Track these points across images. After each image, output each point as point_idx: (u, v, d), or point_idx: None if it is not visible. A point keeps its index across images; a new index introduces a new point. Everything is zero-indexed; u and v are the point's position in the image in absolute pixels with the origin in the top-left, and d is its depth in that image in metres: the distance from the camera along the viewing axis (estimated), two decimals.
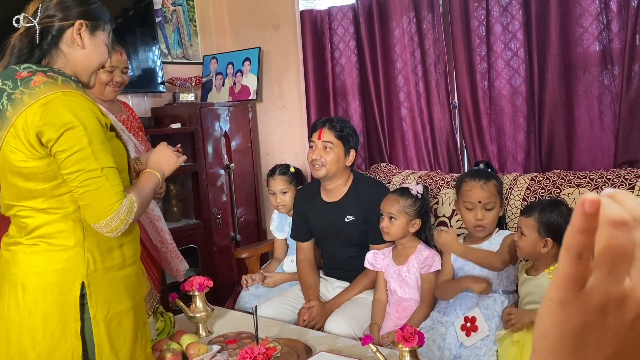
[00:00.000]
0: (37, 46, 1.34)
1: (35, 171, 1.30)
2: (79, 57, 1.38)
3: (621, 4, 2.26)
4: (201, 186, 3.19)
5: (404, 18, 2.89)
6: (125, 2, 3.13)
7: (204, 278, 2.08)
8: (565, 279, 0.32)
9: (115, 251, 1.41)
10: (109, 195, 1.30)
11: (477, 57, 2.65)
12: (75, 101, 1.29)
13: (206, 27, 3.67)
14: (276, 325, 2.13)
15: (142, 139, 2.30)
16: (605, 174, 2.21)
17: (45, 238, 1.35)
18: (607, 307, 0.32)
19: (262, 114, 3.59)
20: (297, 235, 2.56)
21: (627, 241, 0.31)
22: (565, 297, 0.32)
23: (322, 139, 2.33)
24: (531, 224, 1.78)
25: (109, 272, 1.39)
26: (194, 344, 1.85)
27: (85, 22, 1.37)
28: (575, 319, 0.32)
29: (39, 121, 1.26)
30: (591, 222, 0.31)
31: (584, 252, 0.31)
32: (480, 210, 2.00)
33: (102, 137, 1.33)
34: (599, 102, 2.38)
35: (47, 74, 1.32)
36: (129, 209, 1.33)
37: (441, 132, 2.87)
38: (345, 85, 3.19)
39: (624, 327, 0.32)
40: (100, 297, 1.37)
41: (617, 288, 0.31)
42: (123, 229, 1.33)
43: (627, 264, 0.31)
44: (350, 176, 2.43)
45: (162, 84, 3.31)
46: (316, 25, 3.21)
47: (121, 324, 1.41)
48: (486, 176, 2.05)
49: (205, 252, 3.21)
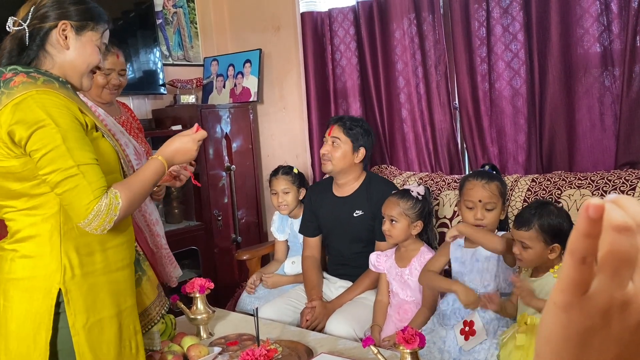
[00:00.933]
0: (26, 48, 1.35)
1: (13, 170, 1.28)
2: (65, 59, 1.37)
3: (622, 5, 2.26)
4: (202, 188, 3.19)
5: (404, 19, 2.89)
6: (126, 4, 3.13)
7: (205, 280, 2.08)
8: (568, 283, 0.32)
9: (97, 255, 1.37)
10: (86, 193, 1.26)
11: (478, 59, 2.65)
12: (48, 99, 1.27)
13: (207, 29, 3.68)
14: (277, 327, 2.13)
15: (142, 141, 2.29)
16: (607, 175, 2.21)
17: (22, 243, 1.33)
18: (610, 311, 0.32)
19: (263, 115, 3.60)
20: (305, 230, 2.57)
21: (631, 246, 0.31)
22: (569, 301, 0.33)
23: (331, 134, 2.40)
24: (534, 236, 1.73)
25: (89, 277, 1.35)
26: (195, 345, 1.85)
27: (71, 23, 1.36)
28: (578, 322, 0.33)
29: (10, 120, 1.24)
30: (595, 227, 0.31)
31: (587, 257, 0.32)
32: (481, 209, 1.99)
33: (79, 134, 1.29)
34: (600, 103, 2.38)
35: (30, 75, 1.31)
36: (109, 207, 1.27)
37: (442, 134, 2.87)
38: (346, 87, 3.19)
39: (627, 331, 0.32)
40: (80, 304, 1.32)
41: (620, 292, 0.32)
42: (109, 226, 1.29)
43: (631, 269, 0.31)
44: (362, 174, 2.47)
45: (163, 85, 3.31)
46: (317, 27, 3.21)
47: (103, 331, 1.36)
48: (489, 177, 2.04)
49: (206, 254, 3.21)
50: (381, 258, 2.28)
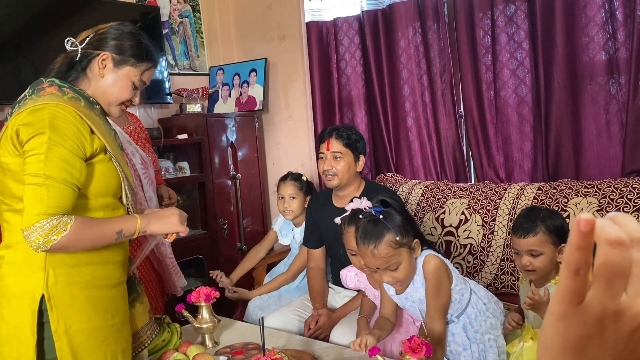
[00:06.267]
0: (72, 68, 1.45)
1: (12, 168, 1.33)
2: (99, 85, 1.46)
3: (627, 13, 2.26)
4: (208, 196, 3.20)
5: (409, 28, 2.90)
6: (133, 13, 3.16)
7: (210, 289, 2.07)
8: (565, 294, 0.34)
9: (83, 268, 1.38)
10: (40, 204, 1.25)
11: (483, 67, 2.66)
12: (62, 114, 1.32)
13: (213, 39, 3.70)
14: (283, 336, 2.12)
15: (148, 150, 2.30)
16: (613, 183, 2.20)
17: (9, 249, 1.36)
18: (604, 321, 0.34)
19: (269, 124, 3.61)
20: (308, 242, 2.57)
21: (624, 259, 0.33)
22: (566, 310, 0.35)
23: (330, 149, 2.35)
24: (544, 239, 1.68)
25: (73, 287, 1.36)
26: (200, 355, 1.85)
27: (112, 55, 1.45)
28: (575, 331, 0.35)
29: (22, 120, 1.31)
30: (587, 240, 0.33)
31: (581, 268, 0.34)
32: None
33: (68, 154, 1.29)
34: (606, 111, 2.38)
35: (62, 89, 1.38)
36: (52, 228, 1.25)
37: (447, 142, 2.87)
38: (351, 96, 3.20)
39: (621, 339, 0.34)
40: (62, 311, 1.34)
41: (614, 303, 0.33)
42: (44, 247, 1.25)
43: (624, 281, 0.33)
44: (362, 183, 2.44)
45: (169, 95, 3.33)
46: (322, 36, 3.23)
47: (87, 341, 1.37)
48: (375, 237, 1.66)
49: (211, 263, 3.21)
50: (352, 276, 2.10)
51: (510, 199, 2.42)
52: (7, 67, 2.65)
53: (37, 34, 2.73)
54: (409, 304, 1.83)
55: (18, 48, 2.68)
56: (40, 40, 2.73)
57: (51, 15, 2.78)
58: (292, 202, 2.66)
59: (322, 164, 2.38)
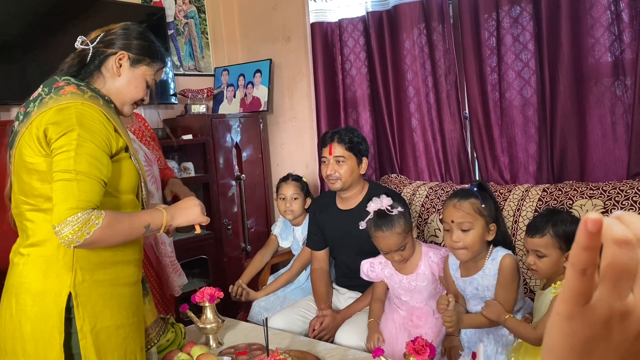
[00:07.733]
0: (85, 66, 1.45)
1: (38, 168, 1.33)
2: (114, 84, 1.47)
3: (633, 15, 2.25)
4: (212, 197, 3.20)
5: (414, 29, 2.90)
6: (138, 14, 3.17)
7: (214, 289, 2.08)
8: (571, 294, 0.34)
9: (109, 267, 1.40)
10: (71, 199, 1.25)
11: (488, 68, 2.65)
12: (89, 112, 1.33)
13: (218, 40, 3.71)
14: (287, 337, 2.12)
15: (153, 148, 2.31)
16: (619, 185, 2.19)
17: (36, 247, 1.36)
18: (611, 322, 0.33)
19: (273, 125, 3.61)
20: (312, 244, 2.57)
21: (631, 259, 0.32)
22: (571, 311, 0.34)
23: (333, 154, 2.35)
24: (550, 242, 1.68)
25: (99, 286, 1.38)
26: (204, 355, 1.85)
27: (129, 55, 1.46)
28: (581, 332, 0.34)
29: (49, 119, 1.31)
30: (594, 240, 0.33)
31: (587, 268, 0.33)
32: (456, 231, 1.81)
33: (97, 151, 1.31)
34: (611, 113, 2.37)
35: (80, 87, 1.39)
36: (86, 222, 1.25)
37: (452, 143, 2.86)
38: (356, 97, 3.20)
39: (627, 340, 0.34)
40: (88, 309, 1.35)
41: (621, 303, 0.33)
42: (76, 242, 1.25)
43: (631, 281, 0.33)
44: (365, 185, 2.44)
45: (174, 95, 3.34)
46: (327, 37, 3.23)
47: (110, 339, 1.38)
48: (462, 195, 1.85)
49: (215, 263, 3.21)
50: (376, 266, 2.19)
51: (515, 201, 2.41)
52: (13, 68, 2.66)
53: (43, 34, 2.74)
54: (471, 288, 1.90)
55: (24, 48, 2.69)
56: (46, 41, 2.74)
57: (57, 16, 2.79)
58: (293, 203, 2.67)
59: (324, 168, 2.39)
